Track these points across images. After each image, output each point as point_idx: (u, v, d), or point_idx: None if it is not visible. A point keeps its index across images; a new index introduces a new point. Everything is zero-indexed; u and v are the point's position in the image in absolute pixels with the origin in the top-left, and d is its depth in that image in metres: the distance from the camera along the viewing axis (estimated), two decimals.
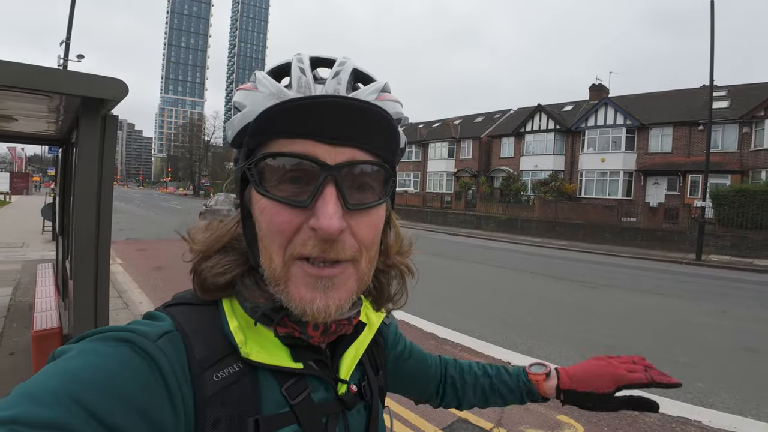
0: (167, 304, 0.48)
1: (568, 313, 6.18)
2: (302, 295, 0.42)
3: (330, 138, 0.40)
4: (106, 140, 2.19)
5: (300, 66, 0.44)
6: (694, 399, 3.57)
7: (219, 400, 0.41)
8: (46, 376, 0.34)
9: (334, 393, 0.50)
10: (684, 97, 23.15)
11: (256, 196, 0.42)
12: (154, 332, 0.41)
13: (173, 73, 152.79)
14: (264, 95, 0.43)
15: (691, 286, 8.97)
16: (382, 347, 0.65)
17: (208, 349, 0.43)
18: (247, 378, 0.43)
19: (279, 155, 0.40)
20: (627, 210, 19.09)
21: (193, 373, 0.41)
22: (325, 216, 0.39)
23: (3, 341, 3.79)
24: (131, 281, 6.74)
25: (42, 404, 0.31)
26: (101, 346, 0.38)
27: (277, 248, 0.41)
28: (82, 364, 0.35)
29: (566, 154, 25.54)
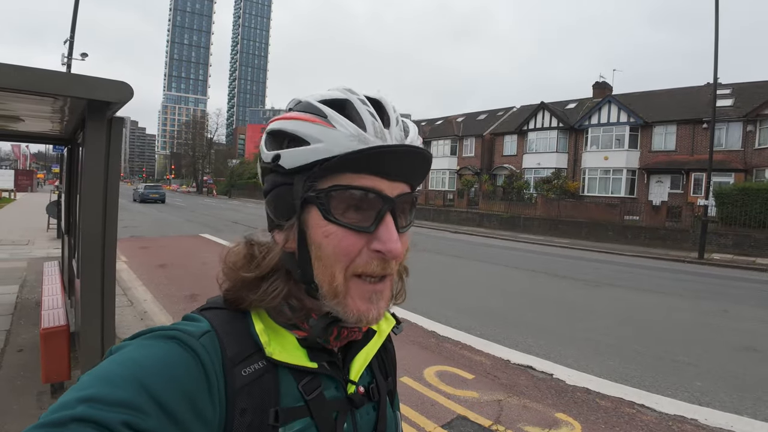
0: (202, 308, 0.53)
1: (570, 312, 6.21)
2: (359, 306, 0.49)
3: (391, 175, 0.48)
4: (112, 142, 2.24)
5: (369, 110, 0.49)
6: (692, 398, 3.60)
7: (246, 392, 0.46)
8: (114, 364, 0.40)
9: (344, 392, 0.55)
10: (688, 95, 23.02)
11: (319, 221, 0.47)
12: (197, 331, 0.47)
13: (176, 71, 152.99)
14: (344, 135, 0.46)
15: (693, 285, 8.97)
16: (392, 355, 0.69)
17: (238, 348, 0.48)
18: (270, 374, 0.49)
19: (354, 188, 0.47)
20: (630, 208, 19.03)
21: (226, 368, 0.46)
22: (391, 241, 0.47)
23: (11, 338, 3.86)
24: (135, 279, 6.81)
25: (115, 386, 0.37)
26: (156, 342, 0.44)
27: (341, 268, 0.48)
28: (144, 355, 0.41)
29: (569, 152, 25.47)
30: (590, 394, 3.55)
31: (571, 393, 3.56)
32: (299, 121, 0.48)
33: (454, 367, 4.00)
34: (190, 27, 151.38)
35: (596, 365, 4.20)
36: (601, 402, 3.43)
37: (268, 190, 0.52)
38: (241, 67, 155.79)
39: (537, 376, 3.88)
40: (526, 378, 3.82)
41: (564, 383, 3.73)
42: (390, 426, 0.61)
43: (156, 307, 5.46)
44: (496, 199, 24.50)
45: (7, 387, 2.97)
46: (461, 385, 3.62)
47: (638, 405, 3.41)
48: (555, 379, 3.82)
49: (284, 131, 0.49)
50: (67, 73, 2.04)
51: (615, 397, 3.51)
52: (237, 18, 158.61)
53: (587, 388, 3.65)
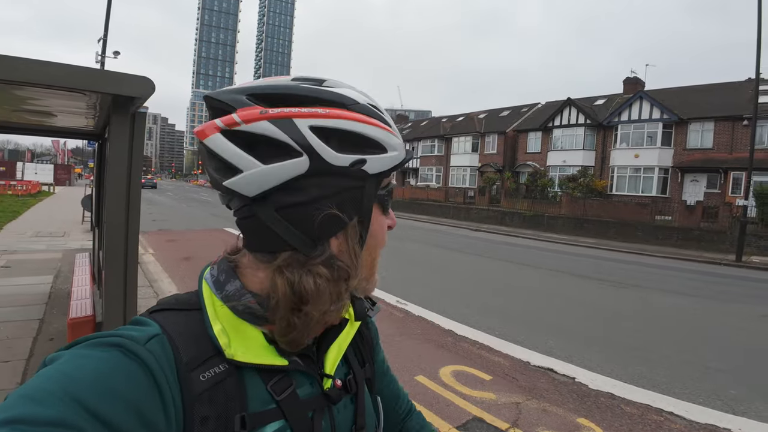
0: (152, 310, 0.49)
1: (594, 314, 6.02)
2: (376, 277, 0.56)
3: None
4: (135, 136, 2.29)
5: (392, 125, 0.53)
6: (725, 406, 3.42)
7: (207, 399, 0.42)
8: (42, 379, 0.35)
9: (319, 388, 0.51)
10: (727, 91, 21.86)
11: (379, 216, 0.53)
12: (143, 336, 0.42)
13: (204, 68, 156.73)
14: (401, 144, 0.52)
15: (729, 288, 8.55)
16: (369, 340, 0.66)
17: (194, 351, 0.44)
18: (233, 377, 0.45)
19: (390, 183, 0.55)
20: (662, 208, 18.31)
21: (181, 373, 0.42)
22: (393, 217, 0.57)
23: (44, 327, 4.04)
24: (162, 271, 7.03)
25: (42, 404, 0.32)
26: (93, 351, 0.39)
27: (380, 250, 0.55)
28: (76, 367, 0.37)
29: (597, 150, 24.69)
30: (615, 400, 3.43)
31: (594, 398, 3.44)
32: (376, 128, 0.49)
33: (471, 367, 3.93)
34: (218, 25, 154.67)
35: (621, 370, 4.05)
36: (627, 408, 3.30)
37: (328, 194, 0.46)
38: (266, 64, 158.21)
39: (558, 379, 3.77)
40: (547, 381, 3.72)
41: (587, 387, 3.62)
42: (370, 416, 0.58)
43: None
44: (518, 197, 24.03)
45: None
46: (478, 385, 3.56)
47: (666, 412, 3.27)
48: (577, 382, 3.71)
49: (363, 135, 0.47)
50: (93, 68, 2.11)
51: (641, 404, 3.38)
52: (262, 16, 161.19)
53: (611, 393, 3.52)
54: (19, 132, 4.57)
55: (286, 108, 0.45)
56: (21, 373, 3.08)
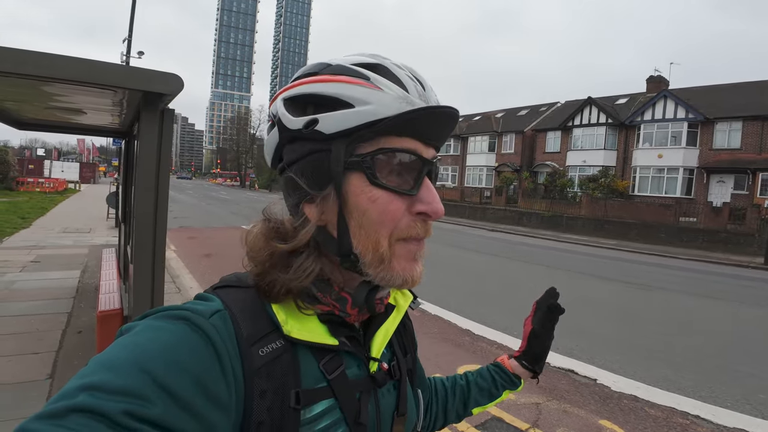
0: (215, 287, 0.51)
1: (616, 316, 5.89)
2: (405, 267, 0.47)
3: (428, 138, 0.48)
4: (164, 133, 2.34)
5: (407, 74, 0.48)
6: (754, 411, 3.31)
7: (265, 373, 0.44)
8: (118, 348, 0.38)
9: (366, 370, 0.52)
10: (756, 90, 21.07)
11: (365, 186, 0.45)
12: (207, 311, 0.44)
13: (222, 69, 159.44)
14: (393, 97, 0.45)
15: (757, 292, 8.26)
16: (410, 331, 0.67)
17: (254, 327, 0.46)
18: (288, 353, 0.46)
19: (396, 150, 0.46)
20: (686, 209, 17.82)
21: (242, 347, 0.43)
22: (436, 201, 0.47)
23: (72, 320, 4.17)
24: (183, 267, 7.18)
25: (117, 373, 0.35)
26: (163, 322, 0.41)
27: (386, 233, 0.46)
28: (148, 338, 0.39)
29: (618, 150, 24.13)
30: (638, 402, 3.35)
31: (616, 400, 3.37)
32: (340, 83, 0.45)
33: None
34: (236, 26, 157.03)
35: (645, 372, 3.96)
36: (651, 411, 3.22)
37: (295, 159, 0.48)
38: (283, 64, 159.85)
39: (579, 380, 3.71)
40: (567, 382, 3.66)
41: (609, 389, 3.54)
42: (411, 405, 0.59)
43: None
44: (536, 197, 23.69)
45: (64, 366, 3.21)
46: None
47: (692, 416, 3.18)
48: (599, 384, 3.64)
49: (320, 95, 0.46)
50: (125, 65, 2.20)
51: (666, 407, 3.29)
52: (279, 17, 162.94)
53: (635, 396, 3.45)
54: (48, 129, 4.73)
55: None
56: (51, 365, 3.19)
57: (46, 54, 1.94)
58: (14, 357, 3.27)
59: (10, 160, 21.92)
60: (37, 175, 27.44)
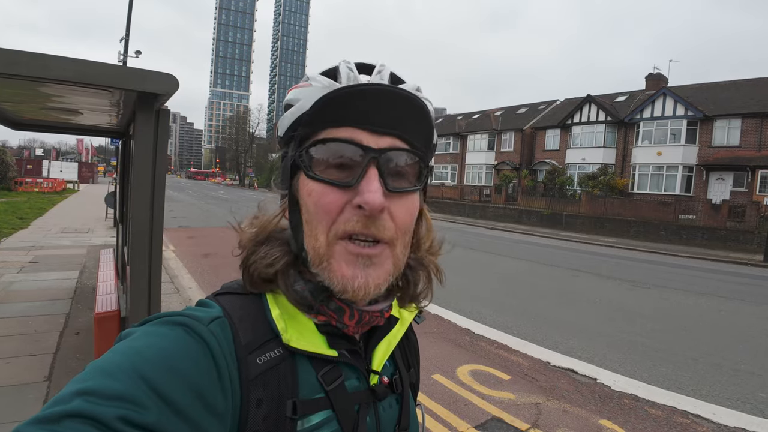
0: (216, 293, 0.51)
1: (616, 314, 5.88)
2: (344, 272, 0.45)
3: (373, 125, 0.44)
4: (159, 133, 2.32)
5: (347, 66, 0.48)
6: (755, 410, 3.30)
7: (261, 382, 0.43)
8: (116, 354, 0.38)
9: (366, 383, 0.51)
10: (755, 87, 21.06)
11: (304, 181, 0.46)
12: (206, 317, 0.44)
13: (221, 68, 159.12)
14: (317, 89, 0.46)
15: (757, 290, 8.25)
16: (415, 345, 0.65)
17: (253, 335, 0.45)
18: (287, 362, 0.46)
19: (329, 140, 0.44)
20: (685, 207, 17.79)
21: (239, 355, 0.43)
22: (369, 191, 0.43)
23: (70, 321, 4.16)
24: (182, 267, 7.16)
25: (113, 378, 0.35)
26: (162, 328, 0.41)
27: (323, 228, 0.45)
28: (146, 344, 0.39)
29: (617, 147, 24.11)
30: (638, 402, 3.34)
31: (617, 399, 3.36)
32: (291, 91, 0.49)
33: (489, 366, 3.89)
34: (234, 25, 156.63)
35: (645, 371, 3.95)
36: (651, 410, 3.21)
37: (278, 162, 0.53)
38: (281, 63, 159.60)
39: (579, 379, 3.70)
40: (567, 381, 3.65)
41: (609, 389, 3.53)
42: (413, 420, 0.58)
43: (200, 295, 5.69)
44: (536, 195, 23.67)
45: (62, 368, 3.19)
46: (497, 385, 3.51)
47: (693, 415, 3.17)
48: (599, 383, 3.63)
49: (285, 104, 0.50)
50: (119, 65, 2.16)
51: (667, 406, 3.29)
52: (277, 15, 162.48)
53: (635, 395, 3.44)
54: (46, 130, 4.70)
55: None
56: (48, 367, 3.17)
57: (39, 54, 1.91)
58: (12, 359, 3.26)
59: (8, 160, 21.87)
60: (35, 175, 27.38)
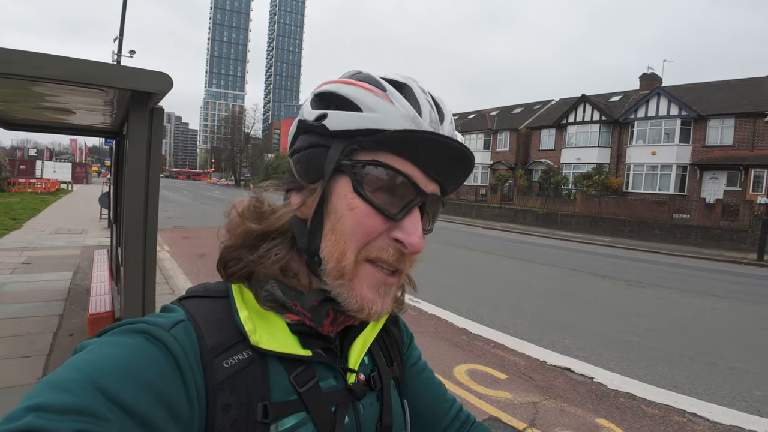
0: (181, 298, 0.50)
1: (612, 313, 5.90)
2: (365, 295, 0.45)
3: (431, 171, 0.46)
4: (153, 132, 2.30)
5: (428, 100, 0.47)
6: (750, 408, 3.32)
7: (229, 386, 0.42)
8: (68, 367, 0.36)
9: (343, 382, 0.50)
10: (748, 87, 21.28)
11: (349, 192, 0.45)
12: (168, 322, 0.43)
13: (216, 67, 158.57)
14: (400, 114, 0.45)
15: (750, 288, 8.32)
16: (398, 340, 0.64)
17: (219, 337, 0.44)
18: (257, 365, 0.44)
19: (389, 167, 0.44)
20: (679, 206, 17.93)
21: (205, 360, 0.42)
22: (416, 235, 0.45)
23: (63, 322, 4.11)
24: (177, 267, 7.11)
25: (66, 391, 0.33)
26: (119, 338, 0.40)
27: (355, 247, 0.44)
28: (101, 355, 0.37)
29: (612, 147, 24.27)
30: (635, 400, 3.35)
31: (613, 398, 3.37)
32: (357, 87, 0.46)
33: (486, 366, 3.89)
34: (230, 25, 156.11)
35: (641, 370, 3.96)
36: (648, 409, 3.23)
37: (300, 148, 0.49)
38: (277, 63, 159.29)
39: (575, 378, 3.71)
40: (564, 380, 3.66)
41: (605, 387, 3.54)
42: (397, 416, 0.56)
43: None
44: (531, 195, 23.77)
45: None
46: (494, 385, 3.51)
47: (689, 413, 3.18)
48: (595, 382, 3.64)
49: (337, 94, 0.46)
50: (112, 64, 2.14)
51: (663, 405, 3.30)
52: (273, 15, 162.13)
53: (631, 394, 3.45)
54: (39, 130, 4.65)
55: None
56: (42, 369, 3.14)
57: (33, 53, 1.89)
58: (5, 360, 3.22)
59: (1, 160, 21.66)
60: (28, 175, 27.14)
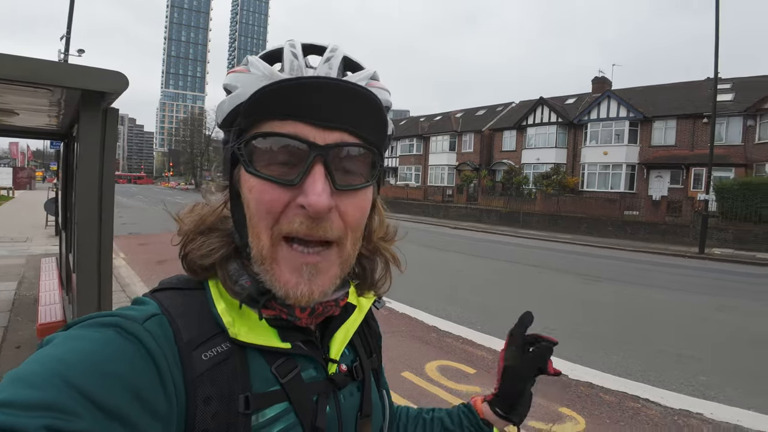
0: (154, 290, 0.48)
1: (571, 307, 6.18)
2: (287, 279, 0.43)
3: (319, 120, 0.41)
4: (107, 134, 2.19)
5: (292, 51, 0.44)
6: (696, 392, 3.57)
7: (209, 379, 0.41)
8: (34, 362, 0.34)
9: (324, 372, 0.50)
10: (688, 90, 22.95)
11: (245, 175, 0.43)
12: (141, 316, 0.41)
13: (174, 68, 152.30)
14: (256, 77, 0.43)
15: (695, 280, 8.95)
16: (375, 331, 0.65)
17: (196, 330, 0.43)
18: (236, 356, 0.44)
19: (269, 135, 0.41)
20: (629, 203, 19.01)
21: (182, 353, 0.41)
22: (314, 193, 0.40)
23: (8, 335, 3.82)
24: (134, 275, 6.77)
25: (32, 387, 0.31)
26: (87, 331, 0.38)
27: (265, 227, 0.43)
28: (68, 349, 0.35)
29: (568, 148, 25.42)
30: (594, 389, 3.53)
31: (574, 387, 3.53)
32: (229, 75, 0.46)
33: (455, 361, 3.97)
34: (188, 24, 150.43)
35: (599, 360, 4.18)
36: (605, 396, 3.40)
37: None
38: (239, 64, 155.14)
39: None
40: None
41: (567, 377, 3.70)
42: (376, 406, 0.57)
43: None
44: (495, 195, 24.45)
45: None
46: (463, 379, 3.59)
47: (643, 399, 3.38)
48: None
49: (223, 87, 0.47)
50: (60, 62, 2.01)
51: (619, 392, 3.49)
52: (234, 14, 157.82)
53: (591, 383, 3.62)
54: None
55: None
56: None
57: None
58: None
59: None
60: None
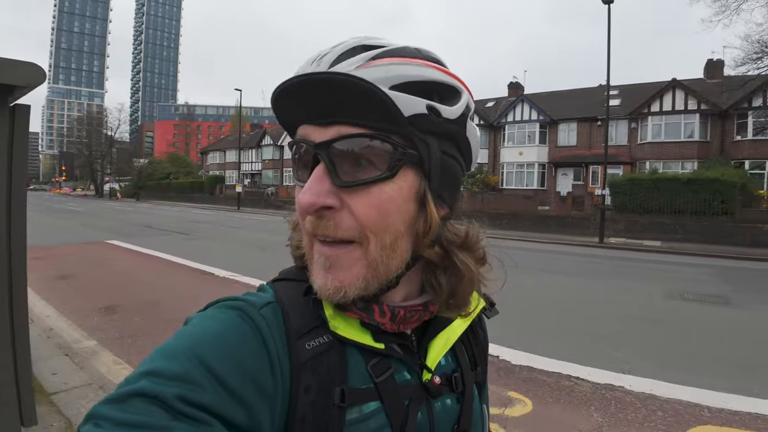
0: (274, 279, 0.51)
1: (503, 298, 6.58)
2: (316, 274, 0.44)
3: (317, 118, 0.41)
4: (16, 133, 1.86)
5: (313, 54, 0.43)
6: (615, 367, 3.98)
7: (311, 368, 0.42)
8: (176, 338, 0.40)
9: (418, 378, 0.49)
10: (585, 95, 25.95)
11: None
12: (259, 302, 0.45)
13: (65, 61, 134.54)
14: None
15: (599, 267, 10.11)
16: (482, 342, 0.62)
17: (302, 319, 0.45)
18: (336, 350, 0.44)
19: (292, 142, 0.45)
20: (542, 199, 20.94)
21: (290, 340, 0.43)
22: (304, 192, 0.41)
23: None
24: (33, 294, 5.84)
25: (173, 359, 0.36)
26: (219, 312, 0.42)
27: (304, 227, 0.44)
28: (201, 329, 0.40)
29: (489, 148, 27.29)
30: (534, 372, 3.80)
31: (517, 372, 3.78)
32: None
33: None
34: (82, 14, 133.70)
35: (533, 345, 4.51)
36: (544, 378, 3.69)
37: None
38: (147, 58, 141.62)
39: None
40: None
41: (510, 363, 3.95)
42: (476, 422, 0.54)
43: (62, 322, 4.78)
44: None
45: None
46: None
47: (575, 378, 3.72)
48: (502, 360, 4.03)
49: None
50: None
51: (555, 373, 3.80)
52: (141, 5, 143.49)
53: (531, 367, 3.90)
54: None
55: None
56: None
57: None
58: None
59: None
60: None
